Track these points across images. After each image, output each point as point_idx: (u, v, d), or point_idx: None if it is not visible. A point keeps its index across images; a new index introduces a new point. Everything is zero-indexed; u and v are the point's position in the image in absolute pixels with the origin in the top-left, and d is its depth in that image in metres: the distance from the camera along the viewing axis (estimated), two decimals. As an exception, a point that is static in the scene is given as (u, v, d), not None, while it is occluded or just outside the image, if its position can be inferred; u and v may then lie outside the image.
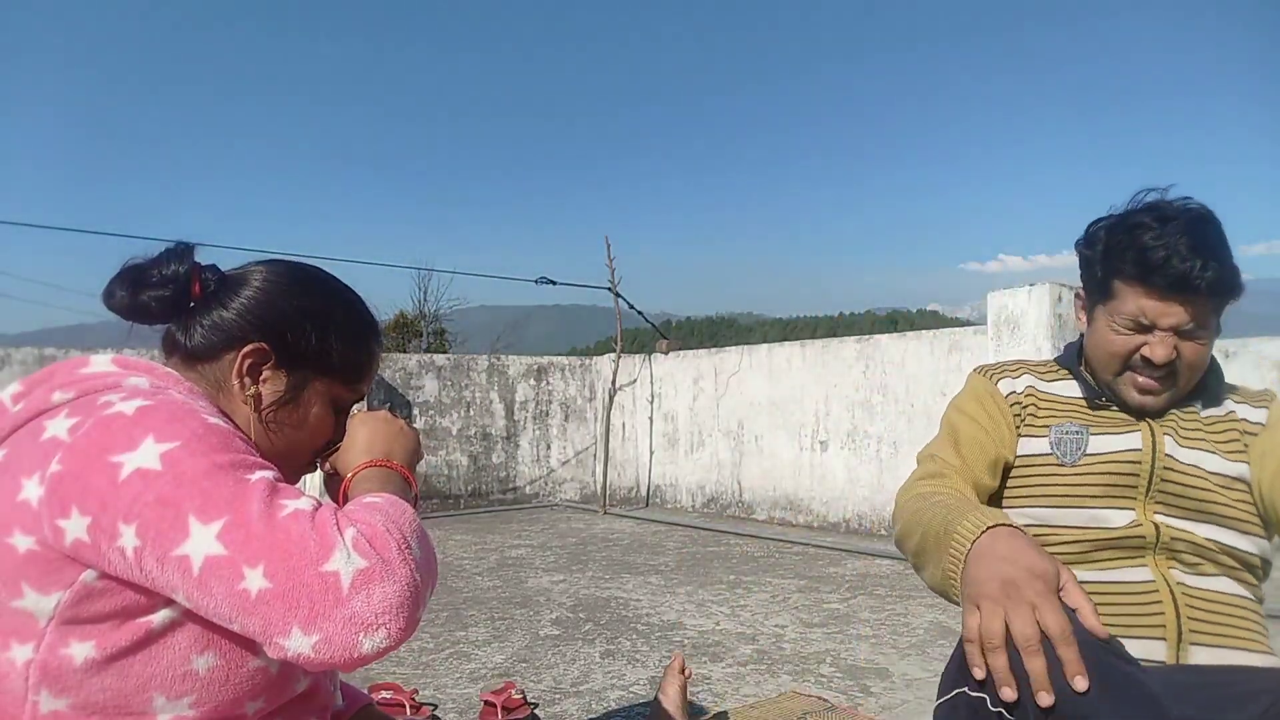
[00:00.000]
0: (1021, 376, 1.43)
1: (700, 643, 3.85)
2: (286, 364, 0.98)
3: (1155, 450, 1.29)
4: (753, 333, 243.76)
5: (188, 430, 0.80)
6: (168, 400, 0.84)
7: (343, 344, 1.01)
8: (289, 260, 1.05)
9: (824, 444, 7.56)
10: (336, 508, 0.81)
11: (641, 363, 9.58)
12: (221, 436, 0.81)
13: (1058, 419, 1.36)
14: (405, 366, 8.92)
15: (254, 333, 0.97)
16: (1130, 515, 1.27)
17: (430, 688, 3.26)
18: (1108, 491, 1.29)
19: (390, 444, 1.01)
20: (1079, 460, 1.31)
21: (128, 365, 0.93)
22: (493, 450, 9.28)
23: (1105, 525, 1.28)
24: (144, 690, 0.81)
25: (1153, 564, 1.25)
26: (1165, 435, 1.30)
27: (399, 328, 22.88)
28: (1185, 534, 1.25)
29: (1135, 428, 1.32)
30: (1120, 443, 1.31)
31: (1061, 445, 1.34)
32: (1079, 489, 1.30)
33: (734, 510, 8.36)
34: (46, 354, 7.10)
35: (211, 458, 0.78)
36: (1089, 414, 1.36)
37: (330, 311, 1.01)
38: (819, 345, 7.75)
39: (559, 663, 3.55)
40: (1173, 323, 1.24)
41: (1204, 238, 1.22)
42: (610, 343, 10.03)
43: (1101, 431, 1.33)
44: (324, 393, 1.01)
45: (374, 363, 1.07)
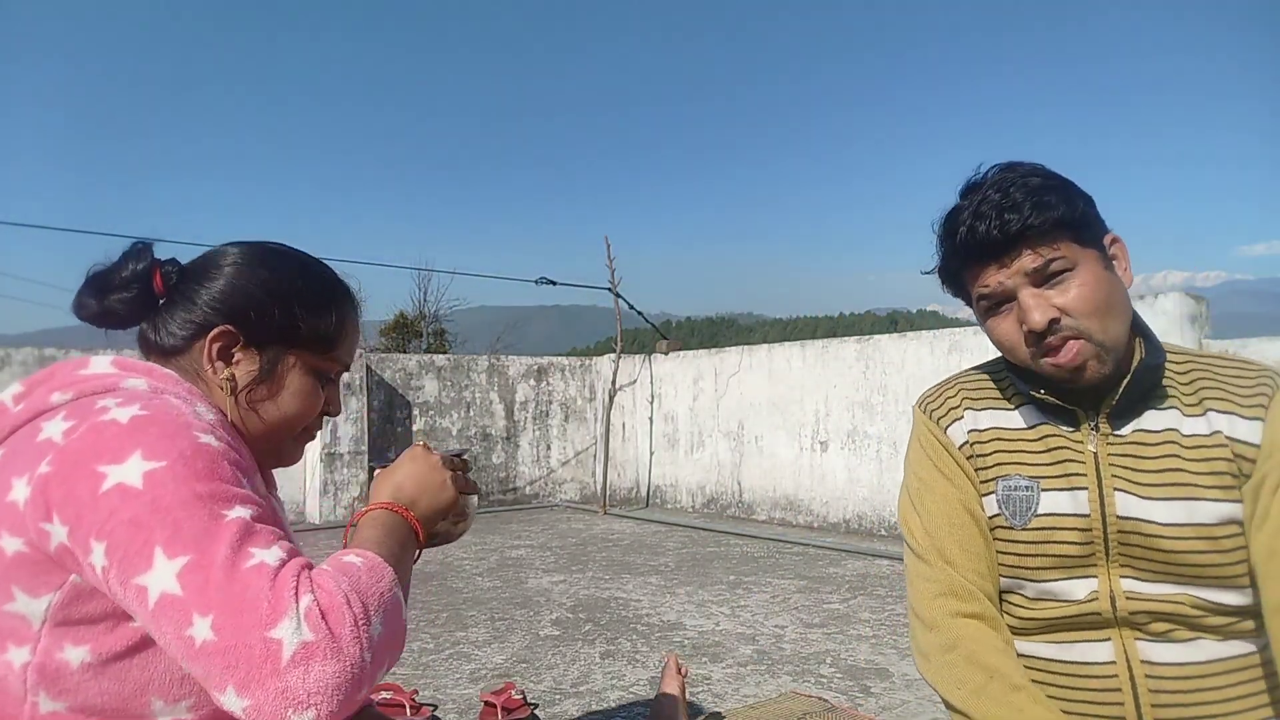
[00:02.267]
0: (968, 413, 1.24)
1: (700, 643, 3.85)
2: (256, 343, 0.97)
3: (1105, 514, 1.11)
4: (753, 333, 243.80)
5: (176, 450, 0.79)
6: (163, 409, 0.84)
7: (309, 314, 0.99)
8: (249, 240, 1.04)
9: (824, 444, 7.56)
10: (304, 565, 0.78)
11: (641, 363, 9.58)
12: (209, 460, 0.80)
13: (1005, 468, 1.18)
14: (405, 367, 8.91)
15: (219, 317, 0.96)
16: (1091, 585, 1.12)
17: (430, 688, 3.26)
18: (1062, 561, 1.13)
19: (421, 492, 1.00)
20: (1029, 522, 1.15)
21: (127, 367, 0.93)
22: (493, 450, 9.27)
23: (1063, 599, 1.13)
24: (142, 694, 0.81)
25: (1116, 637, 1.11)
26: (1118, 491, 1.11)
27: (399, 328, 22.88)
28: (1157, 599, 1.09)
29: (1081, 480, 1.13)
30: (1069, 503, 1.13)
31: (1010, 504, 1.17)
32: (1033, 558, 1.15)
33: (734, 511, 8.36)
34: (46, 354, 7.10)
35: (193, 485, 0.77)
36: (1031, 452, 1.18)
37: (291, 284, 0.99)
38: (819, 345, 7.75)
39: (559, 663, 3.55)
40: (1020, 279, 1.09)
41: (1011, 182, 1.09)
42: (610, 343, 10.03)
43: (1051, 487, 1.15)
44: (300, 365, 0.99)
45: (347, 328, 1.04)
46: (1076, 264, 1.08)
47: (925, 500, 1.24)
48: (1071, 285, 1.08)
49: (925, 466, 1.26)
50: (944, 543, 1.20)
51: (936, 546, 1.20)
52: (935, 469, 1.24)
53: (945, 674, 1.14)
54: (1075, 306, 1.08)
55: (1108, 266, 1.11)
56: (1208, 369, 1.15)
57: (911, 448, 1.31)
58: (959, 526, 1.20)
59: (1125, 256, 1.14)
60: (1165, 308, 5.54)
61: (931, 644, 1.17)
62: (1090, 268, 1.09)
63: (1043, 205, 1.07)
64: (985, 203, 1.09)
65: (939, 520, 1.21)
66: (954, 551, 1.19)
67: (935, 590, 1.19)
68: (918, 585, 1.22)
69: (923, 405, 1.31)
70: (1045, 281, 1.09)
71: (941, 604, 1.17)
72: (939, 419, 1.27)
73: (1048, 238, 1.08)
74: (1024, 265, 1.09)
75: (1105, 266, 1.10)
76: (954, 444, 1.24)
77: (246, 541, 0.75)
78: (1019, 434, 1.20)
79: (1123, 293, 1.12)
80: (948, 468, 1.23)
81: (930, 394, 1.32)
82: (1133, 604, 1.10)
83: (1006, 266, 1.10)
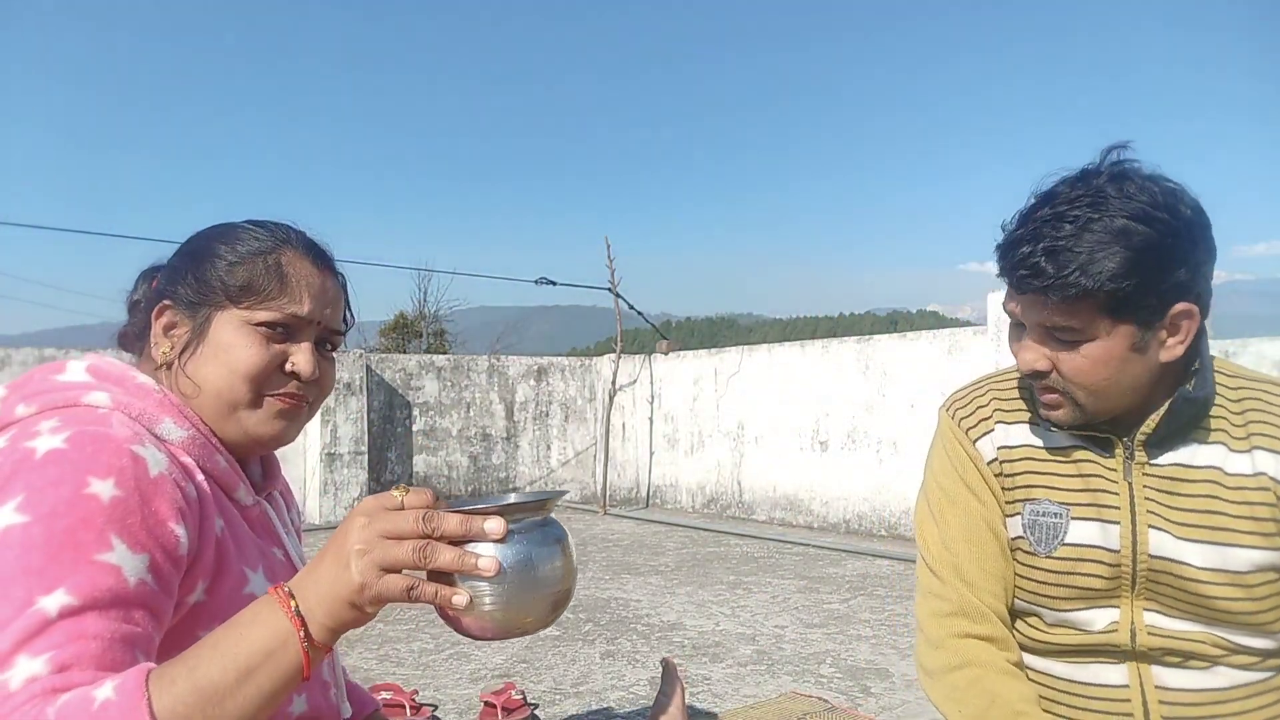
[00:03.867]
0: (998, 426, 1.17)
1: (700, 643, 3.85)
2: (187, 311, 0.96)
3: (1136, 551, 1.06)
4: (753, 333, 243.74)
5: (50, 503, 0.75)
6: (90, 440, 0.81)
7: (228, 266, 0.96)
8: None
9: (824, 444, 7.56)
10: (44, 692, 0.67)
11: (641, 363, 9.58)
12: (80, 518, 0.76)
13: (1034, 490, 1.13)
14: (405, 367, 8.92)
15: (159, 297, 0.98)
16: (1112, 615, 1.08)
17: (430, 688, 3.26)
18: (1086, 593, 1.09)
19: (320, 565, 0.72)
20: (1055, 550, 1.10)
21: (101, 375, 0.92)
22: (493, 451, 9.27)
23: (1082, 628, 1.10)
24: None
25: (1133, 665, 1.08)
26: (1151, 529, 1.05)
27: (399, 328, 22.88)
28: (1180, 636, 1.05)
29: (1114, 514, 1.07)
30: (1099, 535, 1.08)
31: (1036, 530, 1.11)
32: (1056, 587, 1.10)
33: (734, 511, 8.36)
34: (46, 354, 7.10)
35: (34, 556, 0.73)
36: (1062, 476, 1.11)
37: (206, 243, 0.99)
38: (819, 345, 7.75)
39: (559, 663, 3.55)
40: (1034, 320, 1.03)
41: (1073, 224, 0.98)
42: (610, 343, 10.03)
43: (1082, 516, 1.09)
44: (229, 321, 0.96)
45: (272, 276, 0.96)
46: (1095, 336, 1.00)
47: (946, 513, 1.18)
48: (1078, 352, 1.01)
49: (950, 477, 1.19)
50: (962, 560, 1.15)
51: (954, 563, 1.15)
52: (960, 481, 1.18)
53: (948, 694, 1.12)
54: (1069, 373, 1.02)
55: (1139, 345, 1.00)
56: (1261, 398, 1.07)
57: (936, 454, 1.24)
58: (979, 544, 1.15)
59: (1191, 326, 1.00)
60: (1165, 308, 5.55)
61: (936, 662, 1.14)
62: (1108, 345, 1.00)
63: (1071, 280, 0.96)
64: (1031, 239, 1.00)
65: (958, 536, 1.16)
66: (972, 571, 1.14)
67: (947, 609, 1.14)
68: (929, 601, 1.17)
69: (951, 410, 1.23)
70: (1056, 338, 1.03)
71: (951, 624, 1.14)
72: (969, 429, 1.19)
73: (1071, 305, 0.98)
74: (1042, 318, 1.02)
75: (1134, 345, 1.00)
76: (983, 459, 1.17)
77: (25, 645, 0.69)
78: (1051, 454, 1.13)
79: (1145, 368, 1.02)
80: (974, 482, 1.17)
81: (960, 398, 1.23)
82: (1154, 639, 1.06)
83: (1022, 298, 1.04)
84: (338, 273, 1.05)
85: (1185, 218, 0.98)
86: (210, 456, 0.93)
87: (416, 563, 0.70)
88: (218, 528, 0.90)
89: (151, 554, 0.79)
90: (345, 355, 8.25)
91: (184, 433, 0.91)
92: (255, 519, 0.99)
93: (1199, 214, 1.00)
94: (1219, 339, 5.59)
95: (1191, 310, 0.99)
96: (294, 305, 0.97)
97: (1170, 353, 1.01)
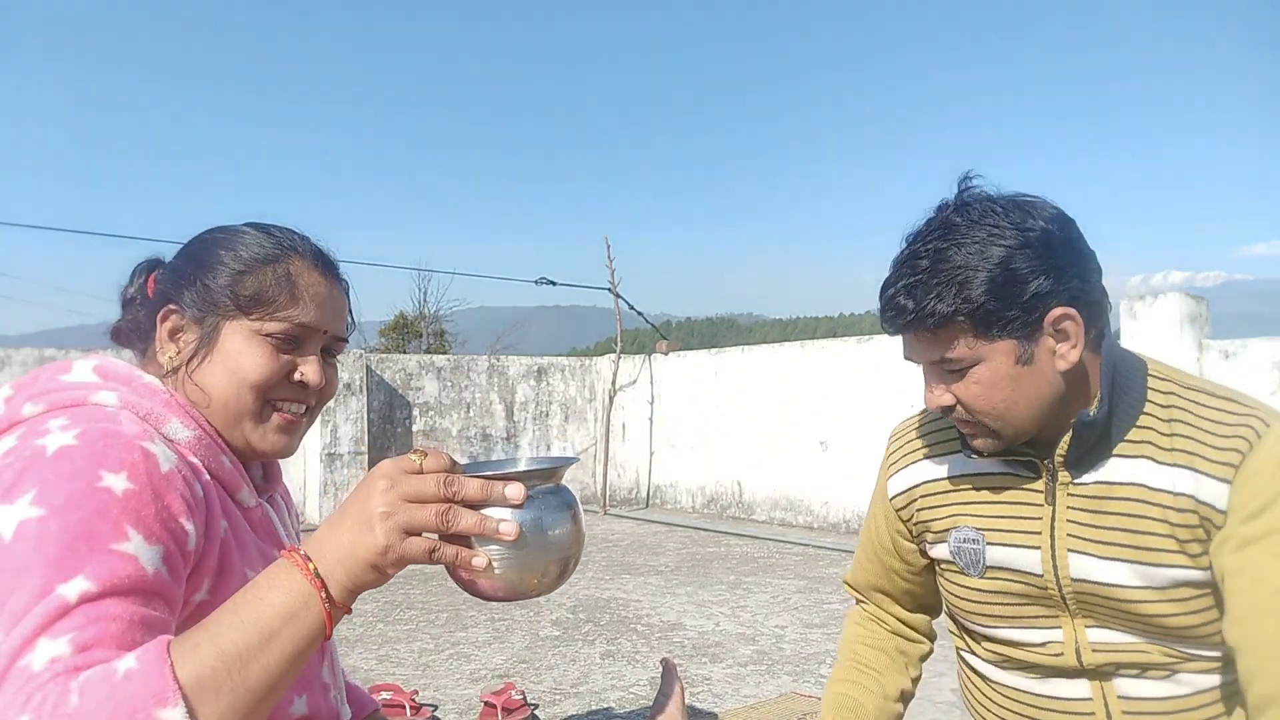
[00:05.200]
0: (918, 463, 1.22)
1: (700, 643, 3.85)
2: (196, 318, 0.96)
3: (1059, 575, 1.06)
4: (753, 333, 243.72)
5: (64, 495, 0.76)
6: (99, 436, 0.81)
7: (237, 276, 0.96)
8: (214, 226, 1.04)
9: (824, 444, 7.56)
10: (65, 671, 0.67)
11: (641, 363, 9.58)
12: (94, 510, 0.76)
13: (956, 519, 1.16)
14: (405, 367, 8.92)
15: (164, 301, 0.98)
16: (1052, 635, 1.09)
17: (430, 689, 3.26)
18: (1022, 610, 1.10)
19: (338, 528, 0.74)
20: (984, 572, 1.13)
21: (108, 375, 0.92)
22: (493, 451, 9.27)
23: (1027, 644, 1.11)
24: None
25: (1093, 677, 1.08)
26: (1071, 552, 1.05)
27: (399, 328, 22.88)
28: (1127, 649, 1.05)
29: (1034, 539, 1.08)
30: (1019, 559, 1.09)
31: (961, 556, 1.15)
32: (992, 606, 1.13)
33: (734, 511, 8.36)
34: (46, 355, 7.09)
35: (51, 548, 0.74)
36: (983, 503, 1.14)
37: (213, 251, 0.98)
38: (819, 345, 7.75)
39: (559, 663, 3.55)
40: (922, 359, 1.06)
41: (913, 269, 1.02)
42: (610, 343, 10.04)
43: (999, 541, 1.11)
44: (239, 331, 0.96)
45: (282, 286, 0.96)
46: (977, 360, 1.01)
47: (868, 518, 1.34)
48: (970, 382, 1.02)
49: (875, 491, 1.32)
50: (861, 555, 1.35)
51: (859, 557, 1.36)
52: (876, 500, 1.31)
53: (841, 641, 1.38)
54: (968, 402, 1.03)
55: (1025, 358, 1.00)
56: (1189, 409, 1.03)
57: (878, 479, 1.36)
58: (874, 558, 1.31)
59: (1077, 330, 1.00)
60: (1165, 308, 5.54)
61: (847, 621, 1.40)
62: (992, 366, 1.00)
63: (929, 309, 0.99)
64: (893, 281, 1.04)
65: (864, 541, 1.34)
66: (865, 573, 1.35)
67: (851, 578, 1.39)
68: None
69: (890, 437, 1.31)
70: (946, 370, 1.04)
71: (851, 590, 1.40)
72: (890, 463, 1.28)
73: (941, 334, 1.01)
74: (925, 356, 1.05)
75: (1020, 358, 1.00)
76: (887, 494, 1.26)
77: (46, 629, 0.70)
78: (975, 480, 1.15)
79: (1043, 380, 1.02)
80: (878, 510, 1.29)
81: (899, 429, 1.30)
82: (1100, 656, 1.06)
83: (910, 345, 1.07)
84: (342, 279, 1.05)
85: (1036, 228, 0.99)
86: (215, 457, 0.94)
87: (439, 527, 0.72)
88: (222, 528, 0.90)
89: (166, 546, 0.80)
90: (345, 355, 8.26)
91: (190, 433, 0.91)
92: (257, 521, 1.00)
93: (1055, 223, 1.01)
94: (1219, 339, 5.59)
95: (1071, 314, 0.99)
96: (303, 316, 0.97)
97: (1065, 360, 1.01)
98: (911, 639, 1.34)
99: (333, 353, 1.04)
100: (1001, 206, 1.01)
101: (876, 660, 1.30)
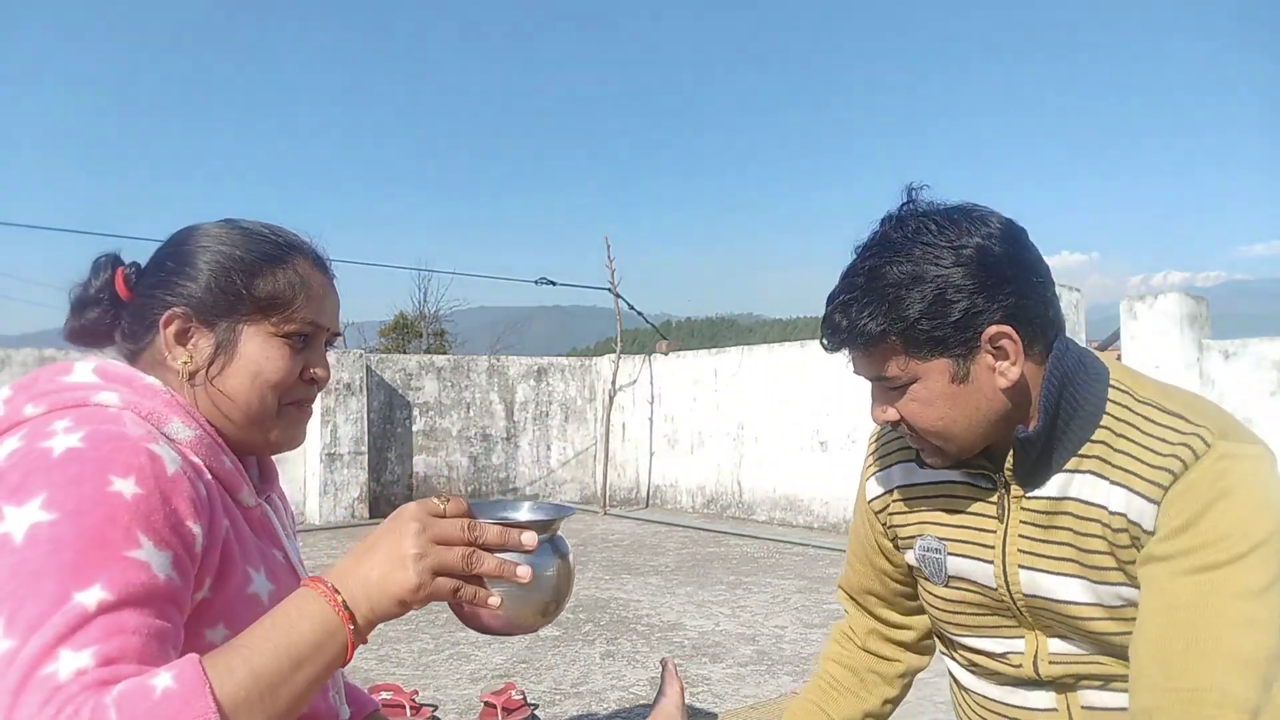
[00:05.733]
0: (891, 467, 1.23)
1: (700, 643, 3.85)
2: (207, 321, 0.96)
3: (1010, 588, 1.07)
4: (753, 333, 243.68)
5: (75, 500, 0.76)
6: (106, 438, 0.81)
7: (253, 279, 0.96)
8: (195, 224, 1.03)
9: (824, 444, 7.56)
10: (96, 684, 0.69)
11: (641, 363, 9.58)
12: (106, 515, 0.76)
13: (922, 526, 1.17)
14: (405, 367, 8.92)
15: (168, 302, 0.96)
16: (1013, 645, 1.10)
17: (430, 689, 3.26)
18: (984, 620, 1.12)
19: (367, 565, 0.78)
20: (948, 581, 1.14)
21: (109, 376, 0.91)
22: (493, 451, 9.28)
23: (991, 653, 1.12)
24: None
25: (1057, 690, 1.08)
26: (1022, 568, 1.05)
27: (399, 328, 22.89)
28: (1086, 659, 1.05)
29: (988, 552, 1.09)
30: (976, 571, 1.10)
31: (925, 564, 1.16)
32: (958, 615, 1.14)
33: (734, 511, 8.36)
34: (46, 355, 7.10)
35: (65, 554, 0.74)
36: (945, 512, 1.15)
37: (229, 252, 0.98)
38: (819, 345, 7.75)
39: (559, 663, 3.55)
40: (864, 375, 1.06)
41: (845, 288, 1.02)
42: (610, 343, 10.04)
43: (957, 552, 1.12)
44: (257, 334, 0.96)
45: (297, 287, 0.98)
46: (914, 378, 1.01)
47: (854, 520, 1.33)
48: (909, 398, 1.02)
49: (858, 493, 1.31)
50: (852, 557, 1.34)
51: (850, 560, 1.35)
52: (859, 502, 1.30)
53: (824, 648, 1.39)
54: (909, 418, 1.03)
55: (961, 376, 0.99)
56: (1137, 424, 1.00)
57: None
58: (864, 560, 1.30)
59: (1015, 348, 0.98)
60: (1165, 308, 5.54)
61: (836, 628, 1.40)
62: (928, 385, 1.00)
63: (861, 328, 0.99)
64: (832, 298, 1.05)
65: (853, 545, 1.34)
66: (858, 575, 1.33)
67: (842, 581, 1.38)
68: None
69: (870, 440, 1.30)
70: (884, 387, 1.04)
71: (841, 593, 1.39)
72: (867, 465, 1.28)
73: (875, 352, 1.01)
74: (867, 372, 1.05)
75: (955, 376, 0.99)
76: (866, 496, 1.27)
77: (67, 639, 0.70)
78: (939, 489, 1.16)
79: (981, 397, 1.01)
80: (862, 510, 1.28)
81: (876, 433, 1.29)
82: (1057, 668, 1.06)
83: (855, 363, 1.07)
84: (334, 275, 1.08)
85: (971, 245, 0.97)
86: (216, 457, 0.94)
87: (464, 569, 0.79)
88: (224, 528, 0.90)
89: (175, 550, 0.80)
90: (345, 355, 8.26)
91: (192, 433, 0.91)
92: (256, 520, 1.00)
93: (995, 239, 0.98)
94: (1219, 339, 5.59)
95: (1007, 331, 0.97)
96: (316, 315, 1.00)
97: (1006, 378, 0.99)
98: (888, 657, 1.32)
99: (329, 347, 1.07)
100: (937, 223, 0.99)
101: (845, 679, 1.32)
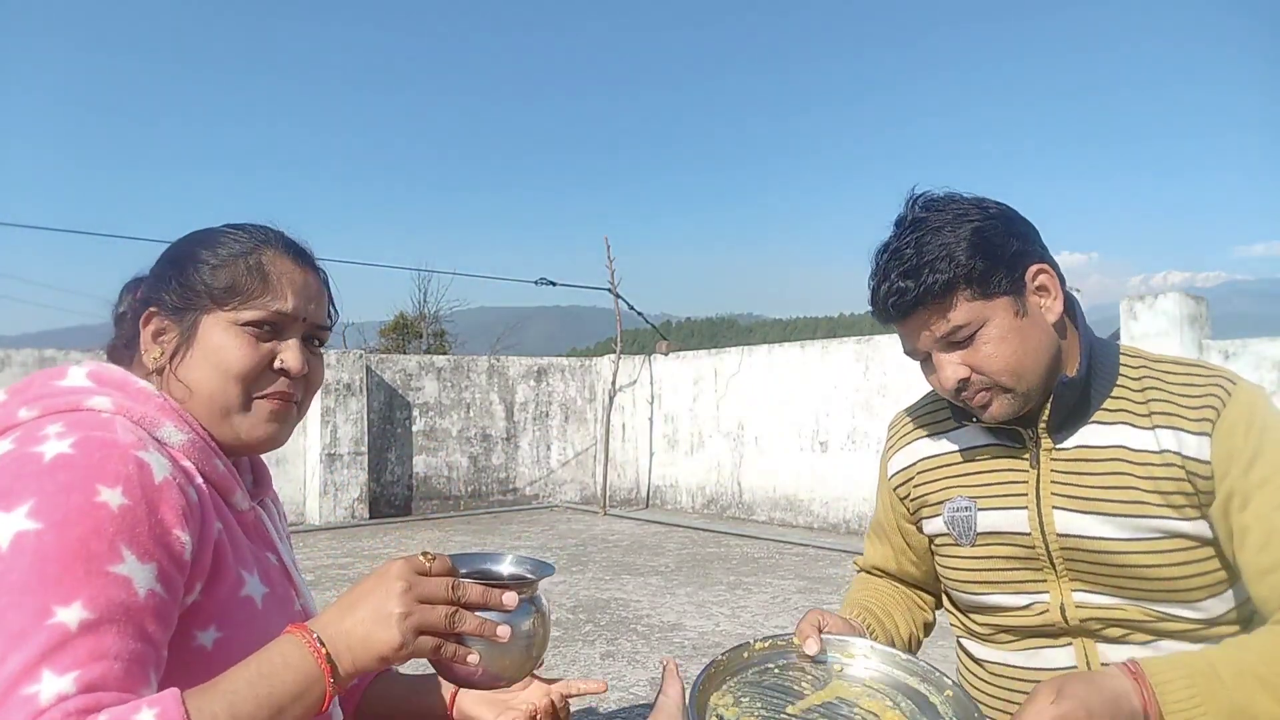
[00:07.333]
0: (914, 442, 1.30)
1: (700, 644, 3.85)
2: (175, 317, 0.97)
3: (1044, 531, 1.13)
4: (753, 333, 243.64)
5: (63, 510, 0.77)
6: (96, 445, 0.82)
7: (209, 270, 0.97)
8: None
9: (824, 445, 7.56)
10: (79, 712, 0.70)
11: (641, 364, 9.58)
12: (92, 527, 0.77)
13: (950, 490, 1.23)
14: (405, 368, 8.92)
15: (143, 305, 0.99)
16: (1039, 598, 1.15)
17: (430, 689, 3.26)
18: (1011, 575, 1.17)
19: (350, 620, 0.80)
20: (976, 540, 1.19)
21: (102, 380, 0.92)
22: (493, 451, 9.27)
23: (1014, 608, 1.17)
24: None
25: (1077, 643, 1.14)
26: (1056, 509, 1.12)
27: (399, 329, 22.87)
28: (1109, 610, 1.11)
29: (1021, 500, 1.15)
30: (1008, 521, 1.16)
31: (954, 525, 1.22)
32: (982, 572, 1.19)
33: (734, 511, 8.36)
34: (46, 355, 7.10)
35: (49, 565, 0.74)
36: (974, 474, 1.21)
37: (187, 248, 1.00)
38: (819, 345, 7.75)
39: (559, 664, 3.55)
40: (931, 344, 1.11)
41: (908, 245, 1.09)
42: (610, 344, 10.04)
43: (989, 506, 1.18)
44: (217, 323, 0.96)
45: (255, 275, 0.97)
46: (984, 321, 1.08)
47: (876, 505, 1.42)
48: (980, 345, 1.08)
49: (879, 477, 1.40)
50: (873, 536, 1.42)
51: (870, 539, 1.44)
52: (880, 485, 1.39)
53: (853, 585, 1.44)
54: (985, 366, 1.09)
55: (1022, 311, 1.09)
56: (1160, 378, 1.12)
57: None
58: (884, 539, 1.39)
59: (1054, 284, 1.11)
60: (1165, 308, 5.54)
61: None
62: (998, 322, 1.08)
63: (930, 281, 1.06)
64: (883, 277, 1.11)
65: (874, 526, 1.42)
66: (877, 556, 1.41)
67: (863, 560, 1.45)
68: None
69: (889, 426, 1.40)
70: (955, 342, 1.10)
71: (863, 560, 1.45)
72: (889, 446, 1.37)
73: (946, 304, 1.08)
74: (930, 333, 1.10)
75: (1018, 312, 1.09)
76: (887, 474, 1.35)
77: (48, 660, 0.71)
78: (965, 454, 1.24)
79: (1042, 332, 1.10)
80: (884, 492, 1.37)
81: (896, 418, 1.40)
82: (1083, 612, 1.12)
83: (915, 332, 1.12)
84: (318, 269, 1.06)
85: (994, 207, 1.12)
86: (209, 460, 0.93)
87: (447, 629, 0.81)
88: (216, 530, 0.90)
89: (159, 562, 0.81)
90: (345, 355, 8.26)
91: (184, 437, 0.92)
92: (250, 524, 1.00)
93: (1004, 206, 1.14)
94: (1219, 339, 5.59)
95: (1046, 269, 1.11)
96: (278, 302, 0.98)
97: (1052, 312, 1.11)
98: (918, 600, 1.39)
99: (317, 341, 1.04)
100: (954, 197, 1.14)
101: (888, 600, 1.35)
